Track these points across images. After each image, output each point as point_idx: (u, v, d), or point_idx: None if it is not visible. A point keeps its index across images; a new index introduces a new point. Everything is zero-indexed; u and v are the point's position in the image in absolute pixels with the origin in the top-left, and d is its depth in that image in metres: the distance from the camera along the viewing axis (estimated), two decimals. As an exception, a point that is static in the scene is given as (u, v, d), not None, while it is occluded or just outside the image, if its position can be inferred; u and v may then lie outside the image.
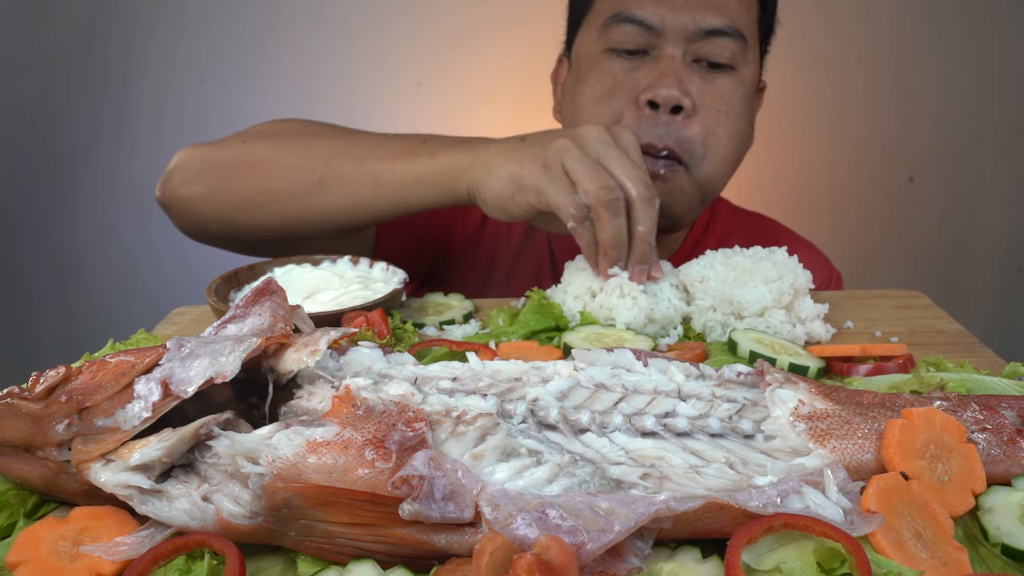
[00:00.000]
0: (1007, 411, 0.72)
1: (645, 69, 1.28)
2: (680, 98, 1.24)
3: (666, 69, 1.26)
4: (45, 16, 2.58)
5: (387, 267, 1.16)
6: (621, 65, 1.30)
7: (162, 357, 0.70)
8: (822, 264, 1.53)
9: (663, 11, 1.26)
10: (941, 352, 1.00)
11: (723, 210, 1.60)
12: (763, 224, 1.61)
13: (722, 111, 1.29)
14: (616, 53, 1.31)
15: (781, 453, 0.68)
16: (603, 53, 1.32)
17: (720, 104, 1.29)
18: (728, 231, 1.56)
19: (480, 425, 0.66)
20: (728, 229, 1.56)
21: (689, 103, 1.25)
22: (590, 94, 1.32)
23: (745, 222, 1.60)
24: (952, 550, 0.59)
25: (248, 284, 1.13)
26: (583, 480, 0.63)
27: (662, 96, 1.24)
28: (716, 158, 1.31)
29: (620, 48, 1.30)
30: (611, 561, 0.57)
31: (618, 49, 1.30)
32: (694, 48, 1.27)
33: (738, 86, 1.31)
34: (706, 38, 1.27)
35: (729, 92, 1.30)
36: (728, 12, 1.27)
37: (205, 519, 0.62)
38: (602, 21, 1.32)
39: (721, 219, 1.58)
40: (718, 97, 1.29)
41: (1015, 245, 2.81)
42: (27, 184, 2.71)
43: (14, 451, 0.69)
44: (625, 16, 1.28)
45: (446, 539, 0.59)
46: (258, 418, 0.72)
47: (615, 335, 1.00)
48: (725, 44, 1.28)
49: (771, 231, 1.60)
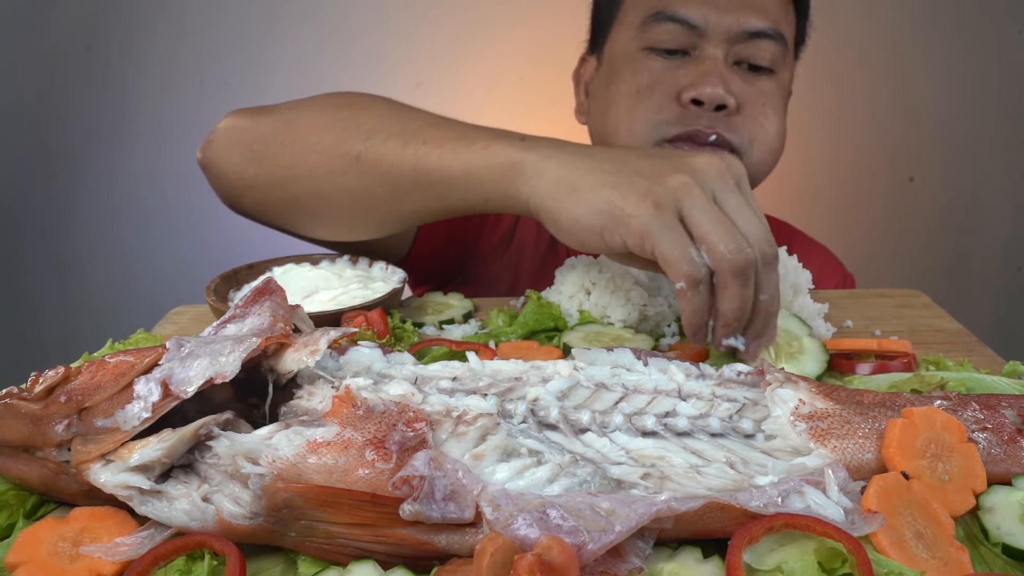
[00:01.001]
0: (1007, 410, 0.72)
1: (687, 68, 1.25)
2: (725, 96, 1.22)
3: (709, 68, 1.23)
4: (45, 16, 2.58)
5: (386, 266, 1.16)
6: (661, 64, 1.27)
7: (162, 357, 0.70)
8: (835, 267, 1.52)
9: (706, 10, 1.24)
10: (941, 351, 1.00)
11: None
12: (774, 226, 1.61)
13: (761, 112, 1.28)
14: (655, 52, 1.28)
15: (782, 453, 0.68)
16: (641, 51, 1.29)
17: (760, 105, 1.28)
18: None
19: (480, 425, 0.66)
20: None
21: (733, 102, 1.23)
22: (626, 90, 1.29)
23: None
24: (953, 550, 0.59)
25: (247, 284, 1.13)
26: (584, 480, 0.63)
27: (707, 94, 1.21)
28: (764, 149, 1.28)
29: (660, 47, 1.27)
30: (612, 561, 0.57)
31: (658, 48, 1.27)
32: (736, 50, 1.25)
33: (777, 88, 1.30)
34: (749, 40, 1.25)
35: (769, 94, 1.28)
36: (771, 14, 1.26)
37: (205, 520, 0.62)
38: (641, 19, 1.29)
39: None
40: (761, 95, 1.27)
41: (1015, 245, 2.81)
42: (27, 184, 2.71)
43: (13, 451, 0.69)
44: (667, 15, 1.26)
45: (447, 539, 0.59)
46: (258, 418, 0.72)
47: (614, 334, 1.00)
48: (767, 47, 1.26)
49: (784, 234, 1.58)
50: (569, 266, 1.14)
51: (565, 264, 1.15)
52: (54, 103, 2.65)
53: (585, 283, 1.08)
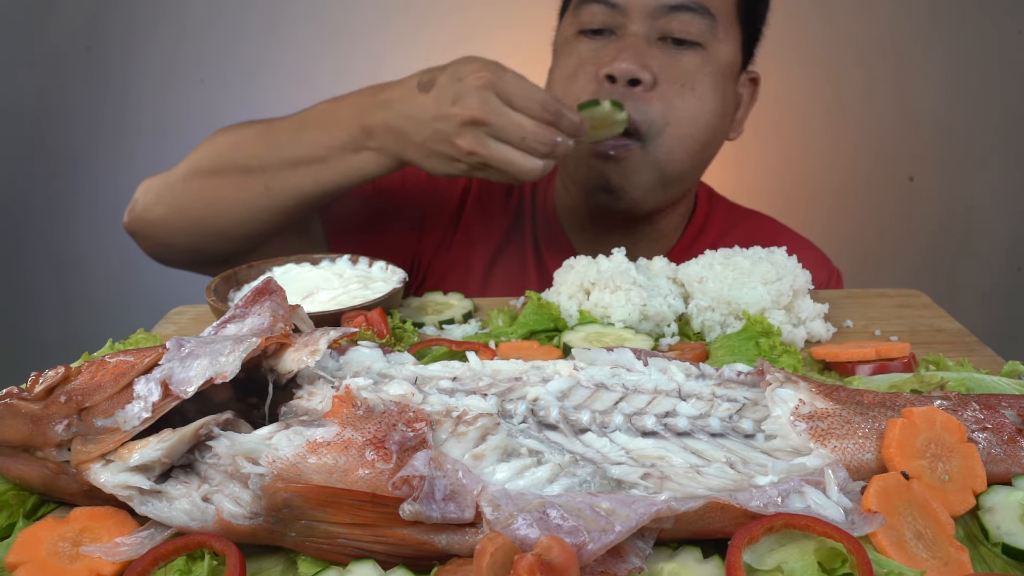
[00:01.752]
0: (1007, 410, 0.72)
1: (610, 47, 1.29)
2: (637, 71, 1.25)
3: (626, 44, 1.27)
4: (45, 16, 2.58)
5: (386, 266, 1.16)
6: (588, 45, 1.32)
7: (162, 357, 0.70)
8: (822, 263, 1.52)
9: None
10: (941, 351, 1.00)
11: (720, 207, 1.59)
12: (762, 223, 1.61)
13: (686, 86, 1.29)
14: (585, 34, 1.33)
15: (782, 453, 0.68)
16: (574, 36, 1.34)
17: (684, 79, 1.29)
18: (725, 228, 1.55)
19: (480, 425, 0.66)
20: (725, 226, 1.55)
21: (648, 76, 1.25)
22: (559, 75, 1.35)
23: (743, 220, 1.59)
24: (953, 550, 0.59)
25: (247, 283, 1.13)
26: (584, 480, 0.63)
27: (619, 69, 1.25)
28: (675, 134, 1.29)
29: (588, 28, 1.32)
30: (612, 561, 0.57)
31: (586, 30, 1.32)
32: (659, 25, 1.28)
33: (705, 63, 1.30)
34: (670, 14, 1.27)
35: (694, 68, 1.29)
36: None
37: (205, 520, 0.62)
38: (574, 4, 1.35)
39: (718, 216, 1.57)
40: (682, 73, 1.29)
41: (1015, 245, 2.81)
42: (27, 184, 2.71)
43: (13, 451, 0.69)
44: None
45: (447, 539, 0.59)
46: (258, 418, 0.72)
47: (615, 334, 1.00)
48: (690, 20, 1.28)
49: (770, 230, 1.59)
50: (567, 267, 1.14)
51: (563, 265, 1.15)
52: (54, 103, 2.65)
53: (584, 283, 1.08)
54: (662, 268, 1.13)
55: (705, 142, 1.34)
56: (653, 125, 1.27)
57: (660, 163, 1.30)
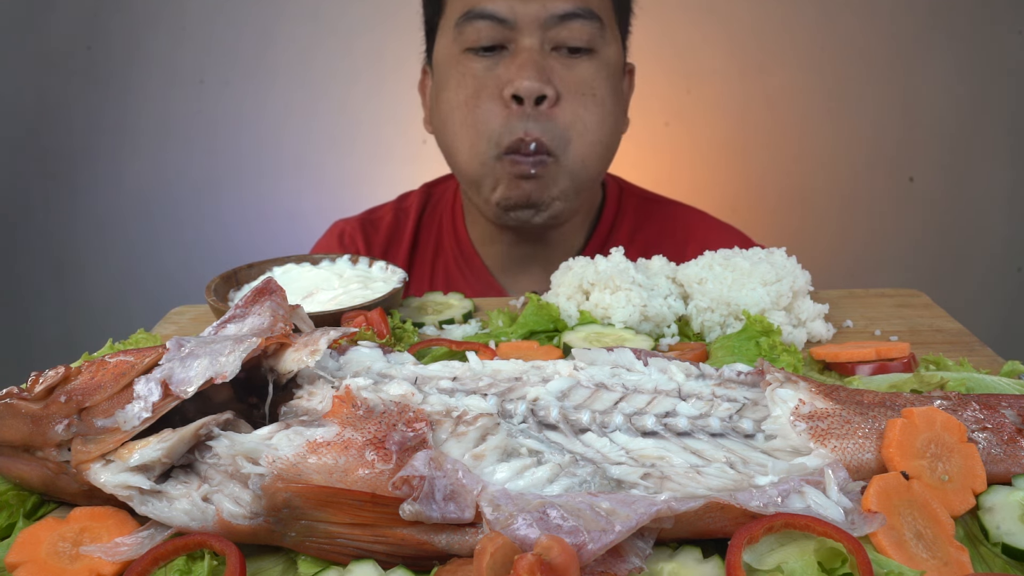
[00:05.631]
0: (1007, 410, 0.72)
1: (504, 64, 1.27)
2: (542, 88, 1.24)
3: (525, 60, 1.25)
4: (45, 16, 2.58)
5: (386, 266, 1.16)
6: (480, 64, 1.29)
7: (162, 357, 0.70)
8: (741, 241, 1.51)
9: (512, 2, 1.25)
10: (941, 351, 1.00)
11: (631, 199, 1.57)
12: (679, 211, 1.58)
13: (587, 95, 1.28)
14: (474, 52, 1.29)
15: (782, 453, 0.68)
16: (461, 54, 1.31)
17: (584, 88, 1.28)
18: (639, 220, 1.53)
19: (481, 425, 0.66)
20: (639, 218, 1.54)
21: (552, 91, 1.25)
22: (455, 99, 1.31)
23: (658, 209, 1.57)
24: (953, 550, 0.59)
25: (247, 284, 1.13)
26: (584, 480, 0.63)
27: (524, 88, 1.23)
28: (585, 143, 1.29)
29: (476, 46, 1.29)
30: (612, 561, 0.57)
31: (475, 48, 1.29)
32: (551, 35, 1.27)
33: (600, 68, 1.30)
34: (561, 23, 1.26)
35: (592, 75, 1.29)
36: None
37: (205, 520, 0.62)
38: (455, 21, 1.31)
39: (629, 209, 1.55)
40: (581, 82, 1.28)
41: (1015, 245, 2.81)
42: (27, 184, 2.71)
43: (14, 451, 0.69)
44: (476, 12, 1.27)
45: (447, 539, 0.59)
46: (258, 418, 0.72)
47: (615, 334, 1.00)
48: (581, 27, 1.27)
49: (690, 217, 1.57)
50: (565, 267, 1.14)
51: (560, 268, 1.16)
52: (54, 103, 2.65)
53: (583, 283, 1.08)
54: (662, 268, 1.13)
55: (611, 144, 1.36)
56: (562, 139, 1.27)
57: (575, 172, 1.31)
